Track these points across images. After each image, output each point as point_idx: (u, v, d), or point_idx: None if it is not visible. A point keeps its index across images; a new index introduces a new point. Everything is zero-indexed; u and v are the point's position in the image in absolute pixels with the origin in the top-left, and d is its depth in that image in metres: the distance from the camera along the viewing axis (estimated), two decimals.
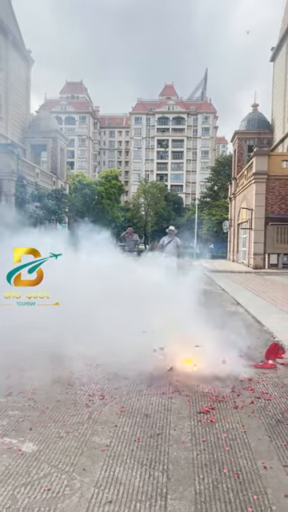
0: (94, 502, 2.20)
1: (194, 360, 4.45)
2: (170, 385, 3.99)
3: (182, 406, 3.51)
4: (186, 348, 4.60)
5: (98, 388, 3.87)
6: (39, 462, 2.57)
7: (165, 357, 4.47)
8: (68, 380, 4.03)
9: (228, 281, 15.55)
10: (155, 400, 3.63)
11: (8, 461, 2.58)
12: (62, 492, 2.27)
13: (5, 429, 3.00)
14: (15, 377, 4.05)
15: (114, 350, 4.35)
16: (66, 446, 2.77)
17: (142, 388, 3.90)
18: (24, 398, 3.60)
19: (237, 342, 5.72)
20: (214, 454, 2.72)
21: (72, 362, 4.37)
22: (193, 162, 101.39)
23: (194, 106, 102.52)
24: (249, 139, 31.83)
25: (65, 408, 3.41)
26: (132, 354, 4.29)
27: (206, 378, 4.18)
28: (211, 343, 4.95)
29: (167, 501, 2.23)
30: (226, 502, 2.23)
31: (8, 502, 2.17)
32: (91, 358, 4.50)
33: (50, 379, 4.02)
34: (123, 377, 4.12)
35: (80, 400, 3.58)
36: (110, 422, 3.17)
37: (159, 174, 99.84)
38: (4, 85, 28.79)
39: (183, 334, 5.02)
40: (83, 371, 4.26)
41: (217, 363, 4.54)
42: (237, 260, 29.84)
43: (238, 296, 10.70)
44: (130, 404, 3.54)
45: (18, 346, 4.36)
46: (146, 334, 4.66)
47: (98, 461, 2.61)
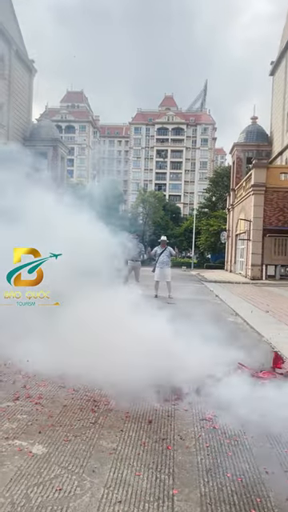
0: (104, 501, 2.29)
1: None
2: (172, 392, 4.08)
3: (185, 413, 3.60)
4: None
5: (103, 394, 3.96)
6: (50, 464, 2.66)
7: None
8: (73, 386, 4.12)
9: (226, 291, 15.67)
10: (159, 407, 3.73)
11: (20, 462, 2.67)
12: (73, 492, 2.36)
13: (15, 432, 3.10)
14: (21, 382, 4.14)
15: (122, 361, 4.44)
16: (75, 449, 2.86)
17: (146, 395, 3.99)
18: (31, 402, 3.69)
19: (236, 352, 5.83)
20: (218, 459, 2.82)
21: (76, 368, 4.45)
22: (191, 173, 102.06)
23: (194, 117, 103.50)
24: (247, 151, 32.19)
25: (71, 413, 3.50)
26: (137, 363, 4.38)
27: (206, 386, 4.28)
28: (210, 353, 5.06)
29: (174, 502, 2.33)
30: (230, 504, 2.33)
31: (22, 501, 2.26)
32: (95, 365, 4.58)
33: (55, 385, 4.11)
34: (127, 384, 4.21)
35: (86, 405, 3.68)
36: (115, 427, 3.26)
37: (158, 183, 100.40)
38: (7, 93, 29.10)
39: (181, 344, 5.13)
40: (86, 378, 4.33)
41: (216, 372, 4.65)
42: (234, 270, 29.99)
43: (236, 306, 10.81)
44: (135, 410, 3.63)
45: (22, 352, 4.46)
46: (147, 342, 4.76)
47: (106, 463, 2.70)
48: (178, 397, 3.97)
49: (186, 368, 4.50)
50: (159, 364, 4.53)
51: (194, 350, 4.93)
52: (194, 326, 5.98)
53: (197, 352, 4.91)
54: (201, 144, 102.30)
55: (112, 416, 3.48)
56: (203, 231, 48.00)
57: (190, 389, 4.10)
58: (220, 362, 4.89)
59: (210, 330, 5.71)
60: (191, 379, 4.38)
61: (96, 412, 3.54)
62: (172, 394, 4.02)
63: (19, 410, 3.53)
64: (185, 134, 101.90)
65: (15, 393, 3.89)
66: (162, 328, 5.24)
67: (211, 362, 4.80)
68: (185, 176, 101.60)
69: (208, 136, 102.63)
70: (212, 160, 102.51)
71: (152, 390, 4.08)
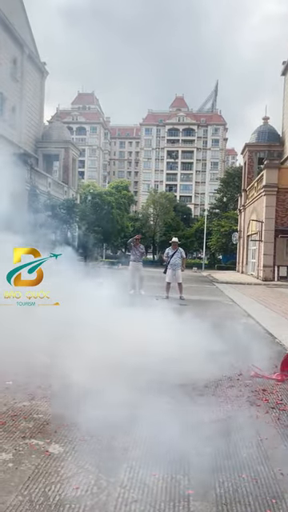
0: (120, 500, 2.32)
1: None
2: (185, 394, 4.10)
3: (199, 415, 3.62)
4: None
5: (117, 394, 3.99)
6: (66, 463, 2.70)
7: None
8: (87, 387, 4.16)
9: (237, 292, 15.62)
10: (171, 408, 3.75)
11: (37, 461, 2.71)
12: (90, 490, 2.40)
13: (31, 431, 3.15)
14: (36, 383, 4.19)
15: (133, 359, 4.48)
16: (91, 449, 2.90)
17: (158, 397, 4.02)
18: (46, 402, 3.74)
19: (249, 353, 5.83)
20: (233, 461, 2.84)
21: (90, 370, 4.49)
22: (202, 173, 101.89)
23: (204, 117, 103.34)
24: (259, 152, 32.05)
25: (86, 413, 3.54)
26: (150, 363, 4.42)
27: (219, 388, 4.29)
28: (223, 354, 5.08)
29: (190, 502, 2.35)
30: (245, 505, 2.35)
31: (40, 499, 2.30)
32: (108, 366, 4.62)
33: (69, 386, 4.15)
34: (138, 386, 4.24)
35: (101, 406, 3.71)
36: (130, 427, 3.29)
37: (168, 184, 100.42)
38: (19, 96, 29.39)
39: (195, 344, 5.16)
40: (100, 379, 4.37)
41: (230, 373, 4.66)
42: (246, 272, 29.86)
43: (248, 308, 10.78)
44: (148, 411, 3.66)
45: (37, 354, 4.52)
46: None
47: (122, 463, 2.73)
48: (191, 398, 3.99)
49: (198, 371, 4.54)
50: (169, 366, 4.56)
51: (205, 352, 4.96)
52: (205, 327, 6.00)
53: (210, 354, 4.94)
54: (212, 145, 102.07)
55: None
56: (214, 232, 47.90)
57: (202, 390, 4.12)
58: (234, 364, 4.91)
59: (222, 331, 5.72)
60: (203, 381, 4.40)
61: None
62: (183, 396, 4.04)
63: (35, 409, 3.58)
64: (196, 135, 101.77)
65: (31, 393, 3.94)
66: (169, 331, 5.30)
67: (224, 364, 4.82)
68: (196, 177, 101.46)
69: (219, 136, 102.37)
70: (223, 160, 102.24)
71: (164, 391, 4.11)
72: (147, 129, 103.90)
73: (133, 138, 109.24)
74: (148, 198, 70.22)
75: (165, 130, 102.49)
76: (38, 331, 4.77)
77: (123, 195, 55.65)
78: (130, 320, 5.68)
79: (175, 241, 13.02)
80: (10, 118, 28.23)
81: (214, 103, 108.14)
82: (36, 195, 23.78)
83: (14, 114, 28.89)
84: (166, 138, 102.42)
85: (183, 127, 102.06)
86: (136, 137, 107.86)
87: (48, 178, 27.75)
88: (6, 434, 3.09)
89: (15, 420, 3.35)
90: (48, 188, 26.78)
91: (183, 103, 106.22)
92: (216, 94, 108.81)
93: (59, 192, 29.64)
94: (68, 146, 33.10)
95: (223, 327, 6.50)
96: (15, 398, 3.81)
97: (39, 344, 4.66)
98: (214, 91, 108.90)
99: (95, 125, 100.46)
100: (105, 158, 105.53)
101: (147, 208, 68.38)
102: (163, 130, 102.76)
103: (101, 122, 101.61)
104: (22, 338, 4.64)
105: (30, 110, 31.34)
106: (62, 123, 36.82)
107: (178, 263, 12.58)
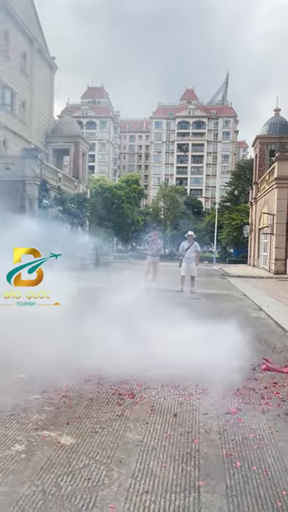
0: (131, 491, 2.35)
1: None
2: (196, 386, 4.11)
3: (210, 407, 3.63)
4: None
5: (128, 388, 4.03)
6: (78, 454, 2.74)
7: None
8: (98, 380, 4.20)
9: (249, 286, 15.55)
10: (183, 400, 3.77)
11: (49, 452, 2.76)
12: (101, 481, 2.43)
13: (44, 423, 3.19)
14: (48, 376, 4.23)
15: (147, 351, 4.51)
16: (102, 441, 2.93)
17: (170, 389, 4.04)
18: (58, 395, 3.79)
19: (260, 346, 5.82)
20: (243, 453, 2.84)
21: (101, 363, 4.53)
22: (213, 166, 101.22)
23: (215, 110, 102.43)
24: (270, 144, 31.69)
25: (97, 405, 3.58)
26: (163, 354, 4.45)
27: (230, 381, 4.30)
28: (234, 347, 5.07)
29: (200, 493, 2.37)
30: (256, 497, 2.36)
31: (53, 489, 2.34)
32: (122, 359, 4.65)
33: (80, 379, 4.20)
34: (151, 378, 4.27)
35: (111, 399, 3.75)
36: (141, 420, 3.32)
37: (179, 178, 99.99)
38: (29, 90, 29.45)
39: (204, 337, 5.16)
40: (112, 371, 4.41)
41: (240, 366, 4.66)
42: (257, 265, 29.69)
43: (259, 301, 10.73)
44: (160, 403, 3.69)
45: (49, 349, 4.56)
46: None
47: (133, 455, 2.76)
48: (203, 391, 4.00)
49: (210, 362, 4.54)
50: (182, 359, 4.58)
51: (217, 346, 4.96)
52: (217, 321, 6.00)
53: (220, 347, 4.94)
54: (222, 137, 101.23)
55: (137, 409, 3.54)
56: (225, 225, 47.66)
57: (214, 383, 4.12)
58: (245, 356, 4.90)
59: (234, 324, 5.71)
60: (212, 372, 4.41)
61: (121, 405, 3.60)
62: (197, 388, 4.06)
63: (47, 402, 3.63)
64: (206, 128, 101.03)
65: (42, 386, 3.98)
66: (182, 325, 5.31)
67: (236, 356, 4.82)
68: (206, 170, 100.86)
69: (230, 129, 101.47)
70: (234, 153, 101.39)
71: (177, 383, 4.14)
72: (157, 122, 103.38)
73: (143, 131, 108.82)
74: (158, 192, 70.15)
75: (175, 123, 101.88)
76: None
77: (133, 189, 55.69)
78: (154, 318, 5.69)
79: (191, 234, 13.03)
80: (20, 113, 28.32)
81: (224, 95, 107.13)
82: (47, 190, 23.87)
83: (24, 109, 28.96)
84: (176, 131, 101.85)
85: (193, 120, 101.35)
86: (146, 130, 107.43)
87: (58, 172, 27.81)
88: (18, 426, 3.14)
89: (27, 412, 3.40)
90: (58, 183, 26.85)
91: (193, 96, 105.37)
92: (227, 85, 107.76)
93: (70, 187, 29.69)
94: (78, 141, 33.07)
95: (234, 321, 6.48)
96: (27, 390, 3.86)
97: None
98: (225, 83, 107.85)
99: (105, 119, 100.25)
100: (115, 152, 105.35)
101: (157, 202, 68.36)
102: (173, 123, 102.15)
103: (110, 115, 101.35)
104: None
105: (40, 104, 31.38)
106: (71, 118, 36.79)
107: (193, 257, 12.57)
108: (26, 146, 26.73)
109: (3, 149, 25.92)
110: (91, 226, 33.59)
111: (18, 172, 22.78)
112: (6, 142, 26.15)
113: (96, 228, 34.74)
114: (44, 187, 23.53)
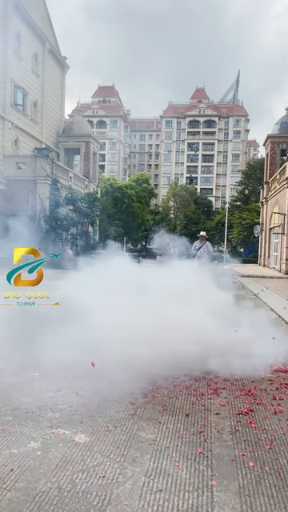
0: (145, 489, 2.39)
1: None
2: (208, 386, 4.14)
3: (222, 407, 3.66)
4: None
5: (140, 387, 4.06)
6: (92, 452, 2.79)
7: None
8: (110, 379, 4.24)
9: (260, 286, 15.48)
10: (195, 400, 3.80)
11: (64, 449, 2.81)
12: (115, 479, 2.47)
13: (58, 421, 3.25)
14: (61, 375, 4.29)
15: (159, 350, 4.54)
16: (116, 439, 2.98)
17: (182, 389, 4.07)
18: (72, 394, 3.84)
19: (272, 348, 5.80)
20: (255, 453, 2.87)
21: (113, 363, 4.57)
22: (223, 166, 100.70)
23: (226, 108, 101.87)
24: (282, 143, 31.47)
25: (111, 404, 3.62)
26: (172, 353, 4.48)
27: (242, 382, 4.32)
28: (246, 347, 5.08)
29: (213, 492, 2.40)
30: (269, 497, 2.38)
31: (68, 486, 2.39)
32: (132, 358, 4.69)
33: (94, 378, 4.24)
34: (164, 377, 4.30)
35: (124, 398, 3.79)
36: (153, 419, 3.35)
37: (189, 177, 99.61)
38: (40, 90, 29.63)
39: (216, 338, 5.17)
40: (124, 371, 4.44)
41: (252, 368, 4.67)
42: (268, 265, 29.53)
43: (269, 301, 10.69)
44: (172, 403, 3.72)
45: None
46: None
47: (146, 453, 2.80)
48: (215, 391, 4.03)
49: (225, 363, 4.56)
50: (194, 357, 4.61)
51: (230, 346, 4.97)
52: (227, 321, 6.00)
53: (233, 347, 4.95)
54: (233, 136, 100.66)
55: (150, 408, 3.57)
56: (236, 225, 47.45)
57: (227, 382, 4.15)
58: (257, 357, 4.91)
59: (245, 325, 5.72)
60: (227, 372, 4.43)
61: (134, 404, 3.64)
62: (208, 388, 4.08)
63: (61, 400, 3.68)
64: (217, 127, 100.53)
65: (56, 384, 4.04)
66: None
67: (246, 357, 4.83)
68: (217, 169, 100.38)
69: (240, 128, 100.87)
70: (245, 152, 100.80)
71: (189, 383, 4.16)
72: (167, 121, 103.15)
73: (153, 130, 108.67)
74: (168, 191, 70.08)
75: (185, 122, 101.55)
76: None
77: (143, 188, 55.71)
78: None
79: (203, 234, 13.05)
80: (31, 113, 28.50)
81: (235, 94, 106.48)
82: (58, 189, 24.00)
83: (35, 108, 29.15)
84: (186, 130, 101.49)
85: (204, 119, 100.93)
86: (156, 129, 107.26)
87: (69, 172, 27.96)
88: (33, 424, 3.20)
89: (42, 410, 3.46)
90: (69, 182, 26.98)
91: (204, 95, 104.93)
92: (238, 84, 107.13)
93: (80, 186, 29.82)
94: (89, 140, 33.17)
95: (244, 322, 6.47)
96: (41, 388, 3.91)
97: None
98: (236, 82, 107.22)
99: (115, 118, 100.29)
100: (125, 151, 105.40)
101: (167, 201, 68.26)
102: (184, 122, 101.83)
103: (121, 115, 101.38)
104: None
105: (52, 104, 31.55)
106: (82, 117, 36.89)
107: (204, 256, 12.57)
108: (38, 146, 26.92)
109: (15, 148, 26.13)
110: (101, 225, 33.70)
111: (29, 171, 22.98)
112: (17, 141, 26.36)
113: (106, 227, 34.79)
114: (55, 186, 23.67)
